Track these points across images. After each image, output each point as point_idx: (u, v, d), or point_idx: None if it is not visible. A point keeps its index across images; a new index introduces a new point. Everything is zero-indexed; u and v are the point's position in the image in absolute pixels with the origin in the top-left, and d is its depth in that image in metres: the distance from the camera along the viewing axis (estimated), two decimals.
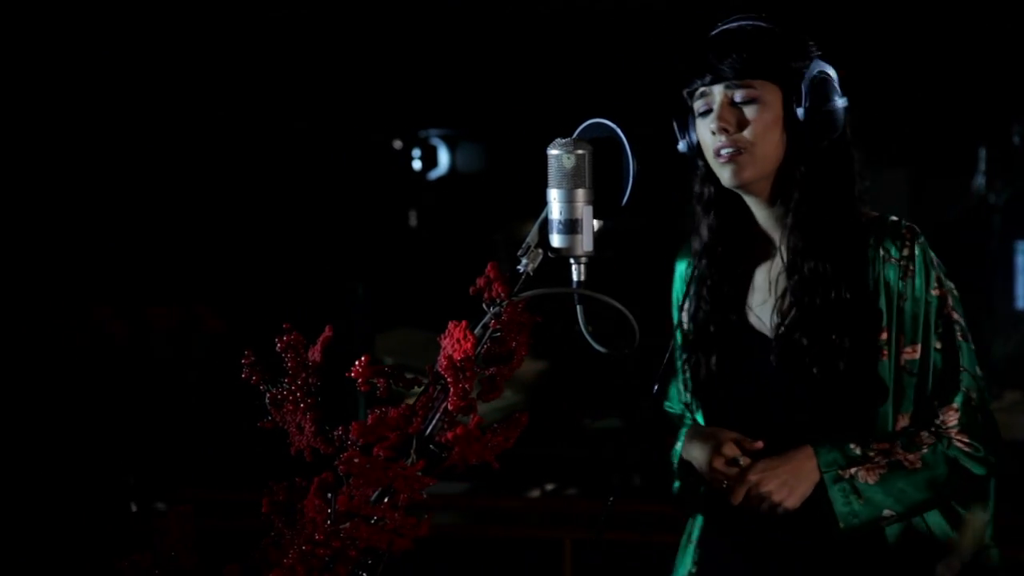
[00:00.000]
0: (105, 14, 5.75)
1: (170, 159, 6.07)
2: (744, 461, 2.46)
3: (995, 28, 7.06)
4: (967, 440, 2.39)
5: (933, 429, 2.40)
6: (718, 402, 2.56)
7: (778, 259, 2.49)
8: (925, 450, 2.38)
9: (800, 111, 2.39)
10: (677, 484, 2.60)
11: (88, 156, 5.72)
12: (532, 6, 6.48)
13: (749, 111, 2.41)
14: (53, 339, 4.85)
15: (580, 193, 2.21)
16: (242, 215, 6.25)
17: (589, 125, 2.30)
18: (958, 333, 2.43)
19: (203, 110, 6.18)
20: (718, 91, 2.43)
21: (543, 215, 2.23)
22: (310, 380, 2.20)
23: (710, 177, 2.50)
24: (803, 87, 2.39)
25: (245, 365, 2.22)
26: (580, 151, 2.21)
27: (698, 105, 2.46)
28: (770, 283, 2.49)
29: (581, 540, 4.23)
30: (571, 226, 2.21)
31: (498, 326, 2.14)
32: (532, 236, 2.22)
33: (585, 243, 2.22)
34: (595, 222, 2.21)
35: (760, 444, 2.46)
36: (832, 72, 2.45)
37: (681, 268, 2.66)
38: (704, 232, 2.55)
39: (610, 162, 2.25)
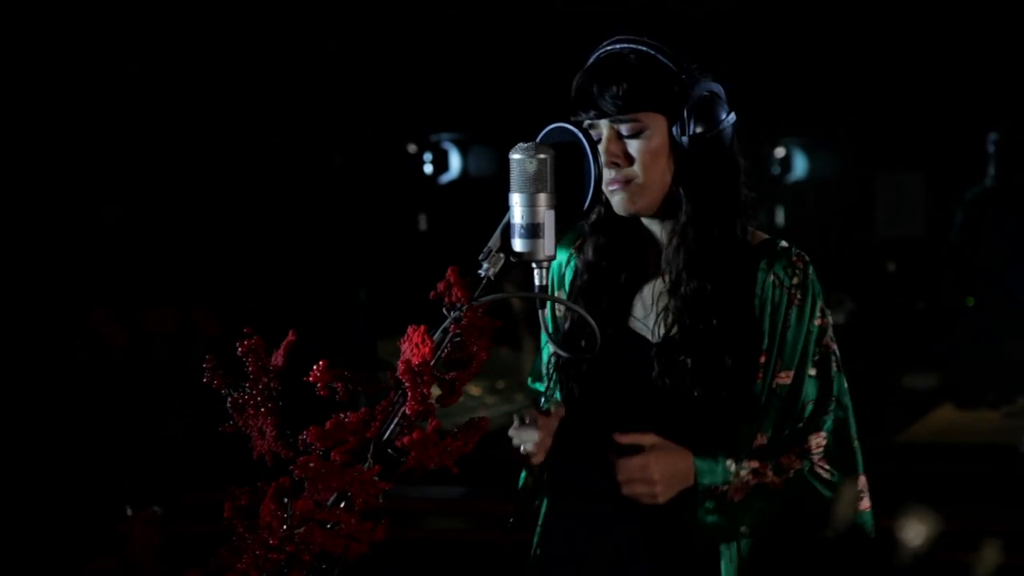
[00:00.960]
0: (109, 13, 5.77)
1: (175, 162, 6.08)
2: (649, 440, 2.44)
3: (1017, 34, 7.03)
4: (827, 467, 2.42)
5: (799, 451, 2.42)
6: (590, 403, 2.55)
7: (667, 272, 2.48)
8: (791, 474, 2.41)
9: (684, 139, 2.39)
10: (523, 475, 2.57)
11: (88, 158, 5.74)
12: (544, 11, 6.48)
13: (635, 144, 2.40)
14: (49, 342, 4.87)
15: (542, 197, 2.21)
16: (249, 218, 6.26)
17: (552, 130, 2.30)
18: (833, 364, 2.44)
19: (211, 112, 6.19)
20: (604, 125, 2.41)
21: (505, 219, 2.23)
22: (271, 384, 2.20)
23: (599, 199, 2.46)
24: (685, 113, 2.39)
25: (206, 369, 2.22)
26: (542, 155, 2.21)
27: (593, 134, 2.42)
28: (654, 298, 2.49)
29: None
30: (533, 230, 2.20)
31: (458, 330, 2.14)
32: (494, 240, 2.22)
33: (547, 247, 2.21)
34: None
35: (632, 439, 2.42)
36: (717, 88, 2.43)
37: (562, 256, 2.61)
38: (589, 251, 2.53)
39: (572, 166, 2.24)
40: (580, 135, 2.26)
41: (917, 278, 8.09)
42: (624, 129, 2.40)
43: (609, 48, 2.45)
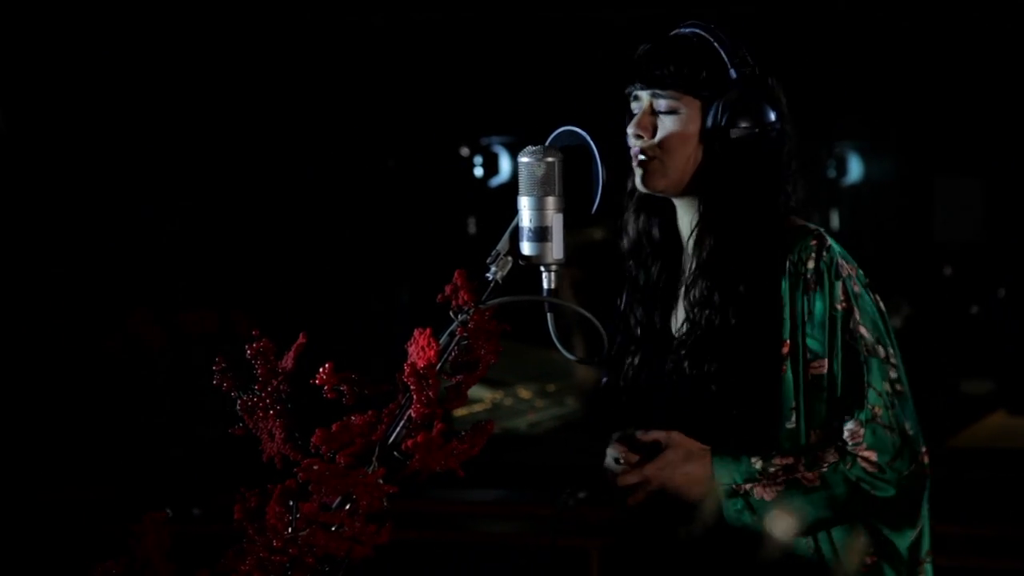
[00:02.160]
0: (154, 13, 5.80)
1: (222, 163, 6.11)
2: (629, 459, 2.43)
3: None
4: (873, 459, 2.33)
5: (839, 445, 2.34)
6: (634, 404, 2.56)
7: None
8: (825, 468, 2.32)
9: (715, 128, 2.39)
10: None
11: (132, 158, 5.76)
12: (596, 16, 6.47)
13: (667, 121, 2.41)
14: (87, 343, 4.91)
15: (550, 201, 2.21)
16: (297, 221, 6.28)
17: (560, 133, 2.30)
18: (863, 348, 2.36)
19: (267, 115, 6.22)
20: (645, 97, 2.44)
21: (514, 223, 2.23)
22: (281, 387, 2.21)
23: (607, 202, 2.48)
24: (722, 106, 2.38)
25: (216, 372, 2.23)
26: (550, 159, 2.21)
27: (632, 107, 2.47)
28: (683, 292, 2.49)
29: (607, 548, 4.22)
30: (541, 234, 2.21)
31: (465, 334, 2.14)
32: (502, 244, 2.23)
33: (555, 251, 2.21)
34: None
35: (653, 437, 2.41)
36: (762, 92, 2.42)
37: None
38: (631, 231, 2.55)
39: (581, 170, 2.24)
40: (588, 138, 2.26)
41: (974, 283, 8.01)
42: (661, 104, 2.42)
43: (679, 30, 2.48)
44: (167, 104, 5.81)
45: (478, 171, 7.00)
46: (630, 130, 2.43)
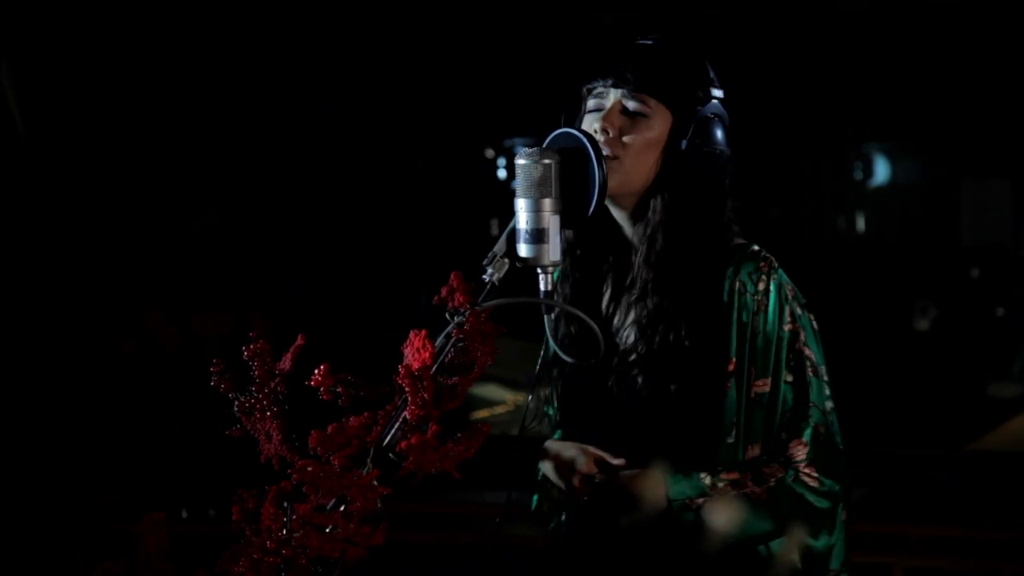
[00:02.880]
0: (195, 21, 5.83)
1: (247, 163, 6.13)
2: (599, 478, 2.44)
3: None
4: (814, 474, 2.37)
5: (782, 460, 2.38)
6: (568, 412, 2.56)
7: (635, 280, 2.47)
8: (772, 483, 2.36)
9: (683, 143, 2.38)
10: (536, 498, 2.61)
11: (147, 158, 5.78)
12: (625, 20, 6.47)
13: (635, 124, 2.40)
14: (102, 344, 4.92)
15: (547, 203, 2.21)
16: (315, 221, 6.29)
17: (557, 135, 2.30)
18: (808, 368, 2.40)
19: (295, 117, 6.23)
20: (613, 95, 2.42)
21: (511, 225, 2.23)
22: (278, 389, 2.22)
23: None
24: (692, 121, 2.37)
25: (213, 373, 2.24)
26: (547, 161, 2.21)
27: (590, 103, 2.45)
28: (629, 305, 2.47)
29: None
30: (538, 235, 2.21)
31: (460, 335, 2.14)
32: (499, 246, 2.23)
33: (552, 253, 2.21)
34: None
35: (622, 462, 2.43)
36: (726, 115, 2.44)
37: None
38: (568, 232, 2.53)
39: (577, 172, 2.24)
40: (585, 140, 2.26)
41: (1001, 285, 7.97)
42: (631, 105, 2.41)
43: (656, 35, 2.47)
44: (188, 104, 5.83)
45: (501, 173, 7.01)
46: (596, 124, 2.40)
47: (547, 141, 2.30)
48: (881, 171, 8.13)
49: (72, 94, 5.46)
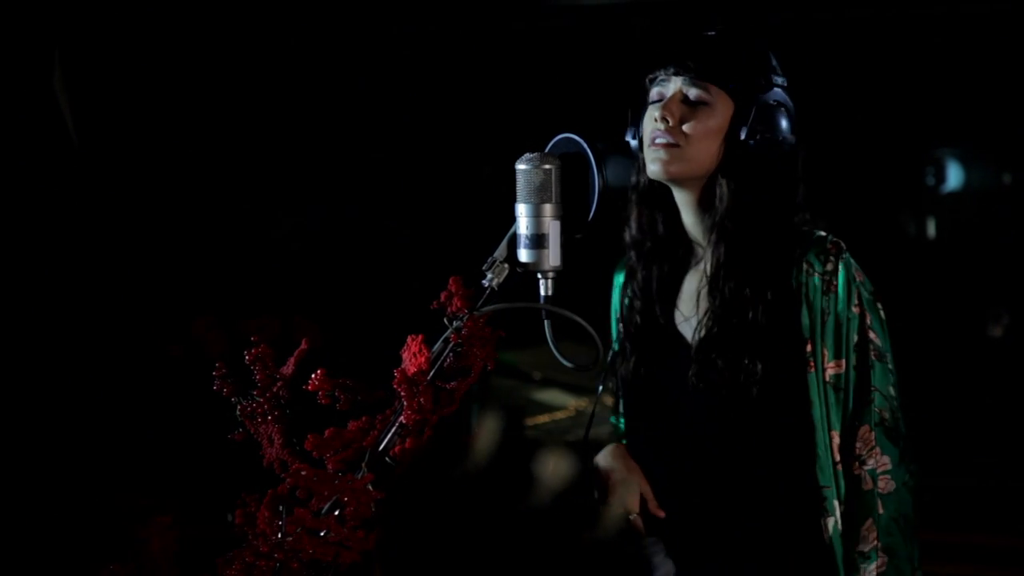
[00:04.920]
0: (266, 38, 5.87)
1: (313, 169, 6.16)
2: (635, 520, 2.45)
3: None
4: (887, 464, 2.36)
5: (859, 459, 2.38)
6: (635, 407, 2.54)
7: (704, 269, 2.45)
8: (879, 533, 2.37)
9: (743, 131, 2.36)
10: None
11: (193, 164, 5.81)
12: (666, 27, 6.45)
13: (696, 112, 2.38)
14: (150, 349, 4.96)
15: (547, 208, 2.20)
16: (359, 228, 6.32)
17: (558, 140, 2.29)
18: (872, 352, 2.37)
19: (365, 124, 6.26)
20: (675, 84, 2.41)
21: (512, 230, 2.23)
22: (280, 393, 2.23)
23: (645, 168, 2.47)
24: (753, 109, 2.35)
25: (216, 377, 2.25)
26: (547, 166, 2.20)
27: (653, 93, 2.44)
28: (698, 293, 2.45)
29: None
30: (538, 241, 2.20)
31: (459, 340, 2.14)
32: (499, 251, 2.22)
33: (552, 258, 2.21)
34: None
35: (662, 514, 2.46)
36: (789, 103, 2.42)
37: (619, 280, 2.62)
38: (633, 225, 2.52)
39: (578, 177, 2.23)
40: (585, 145, 2.25)
41: None
42: (692, 93, 2.40)
43: (722, 25, 2.47)
44: (241, 111, 5.87)
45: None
46: (656, 113, 2.40)
47: (549, 146, 2.29)
48: (954, 176, 8.04)
49: (125, 101, 5.52)
